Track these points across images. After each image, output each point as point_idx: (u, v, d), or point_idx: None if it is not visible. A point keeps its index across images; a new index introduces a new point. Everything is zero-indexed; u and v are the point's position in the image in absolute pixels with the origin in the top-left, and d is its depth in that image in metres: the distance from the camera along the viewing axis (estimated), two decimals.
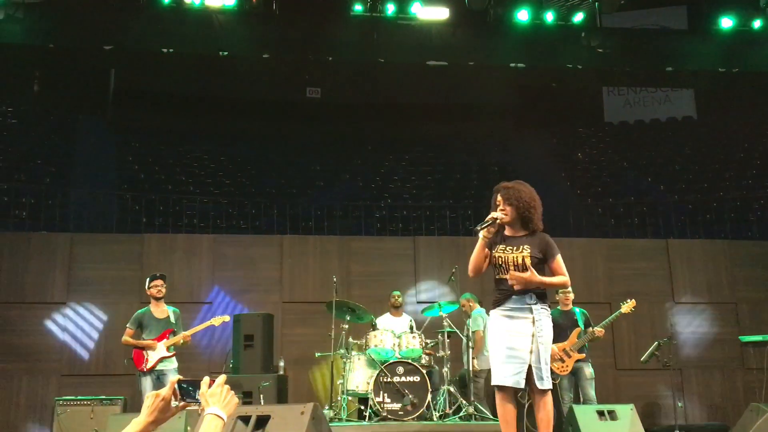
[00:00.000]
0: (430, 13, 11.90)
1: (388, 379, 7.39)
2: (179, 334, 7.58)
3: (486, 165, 17.97)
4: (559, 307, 8.00)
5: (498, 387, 4.73)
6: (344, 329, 8.12)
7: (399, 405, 7.33)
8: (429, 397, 7.37)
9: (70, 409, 8.11)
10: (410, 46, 12.38)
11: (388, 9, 11.82)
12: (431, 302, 8.90)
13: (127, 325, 7.67)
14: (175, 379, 2.41)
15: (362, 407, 7.74)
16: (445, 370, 7.81)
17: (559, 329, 7.86)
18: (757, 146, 16.81)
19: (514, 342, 4.68)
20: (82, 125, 17.57)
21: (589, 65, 12.92)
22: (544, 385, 4.65)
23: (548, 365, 4.71)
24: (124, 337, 7.62)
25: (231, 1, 11.39)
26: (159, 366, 7.48)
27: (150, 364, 7.44)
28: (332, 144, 18.62)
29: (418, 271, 10.59)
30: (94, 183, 14.38)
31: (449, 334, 8.07)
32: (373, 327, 8.19)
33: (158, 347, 7.49)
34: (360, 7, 11.79)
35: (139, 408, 2.42)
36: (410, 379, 7.44)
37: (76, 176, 14.77)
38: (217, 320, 7.77)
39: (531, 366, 4.63)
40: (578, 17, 12.14)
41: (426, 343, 8.00)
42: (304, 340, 9.86)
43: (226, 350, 8.89)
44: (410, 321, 8.68)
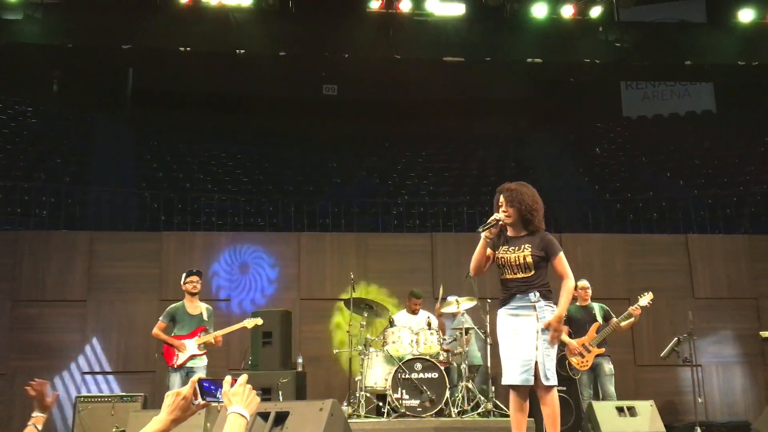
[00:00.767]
0: (446, 8, 11.87)
1: (406, 376, 7.40)
2: (211, 333, 7.61)
3: (503, 161, 17.93)
4: (577, 302, 7.96)
5: (510, 387, 4.79)
6: (362, 326, 8.13)
7: (417, 401, 7.34)
8: (447, 393, 7.37)
9: (91, 405, 8.17)
10: (426, 42, 12.35)
11: (404, 5, 11.79)
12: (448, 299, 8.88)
13: (160, 318, 7.65)
14: (196, 377, 2.42)
15: (380, 404, 7.75)
16: (463, 366, 7.80)
17: (577, 324, 7.85)
18: None
19: (520, 340, 4.76)
20: (101, 124, 17.71)
21: (606, 60, 12.83)
22: (549, 381, 4.71)
23: (553, 361, 4.80)
24: (155, 330, 7.59)
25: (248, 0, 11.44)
26: (189, 363, 7.48)
27: (180, 361, 7.45)
28: (349, 141, 18.64)
29: (435, 267, 10.58)
30: (113, 181, 14.48)
31: (467, 331, 8.06)
32: (391, 323, 8.19)
33: (189, 344, 7.52)
34: (376, 4, 11.77)
35: (160, 404, 2.44)
36: (428, 375, 7.44)
37: (95, 175, 14.88)
38: (250, 322, 7.72)
39: (537, 363, 4.68)
40: (595, 11, 12.06)
41: (444, 340, 8.00)
42: (322, 336, 9.88)
43: (244, 347, 8.92)
44: (428, 317, 8.67)
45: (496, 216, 4.94)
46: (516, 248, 4.89)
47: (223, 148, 17.64)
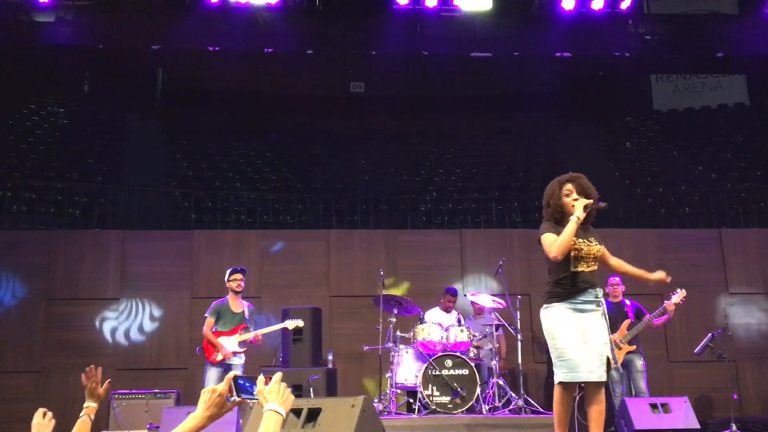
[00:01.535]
0: (473, 4, 11.80)
1: (437, 373, 7.39)
2: (251, 332, 7.67)
3: (533, 156, 17.81)
4: (609, 298, 7.90)
5: (566, 384, 4.59)
6: (391, 323, 8.14)
7: (448, 398, 7.33)
8: (478, 390, 7.35)
9: (126, 402, 8.28)
10: (454, 38, 12.29)
11: (431, 1, 11.75)
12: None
13: (206, 315, 7.75)
14: (231, 375, 2.45)
15: (411, 400, 7.76)
16: (494, 362, 7.78)
17: (609, 321, 7.78)
18: None
19: (590, 336, 4.59)
20: (132, 124, 17.90)
21: (637, 53, 12.69)
22: (606, 377, 4.63)
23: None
24: (205, 328, 7.68)
25: None
26: (227, 360, 7.59)
27: (219, 357, 7.55)
28: (377, 138, 18.64)
29: (465, 264, 10.55)
30: (144, 181, 14.65)
31: (497, 327, 8.04)
32: (420, 320, 8.20)
33: (230, 342, 7.59)
34: (403, 0, 11.74)
35: (193, 401, 2.47)
36: (459, 372, 7.43)
37: (126, 174, 15.05)
38: (291, 324, 7.75)
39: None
40: (625, 4, 11.91)
41: (474, 336, 7.98)
42: (352, 333, 9.91)
43: (275, 344, 8.97)
44: (458, 314, 8.67)
45: (589, 200, 4.72)
46: (589, 240, 4.74)
47: (252, 146, 17.75)
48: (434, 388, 7.37)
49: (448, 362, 7.47)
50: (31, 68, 15.63)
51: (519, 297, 8.75)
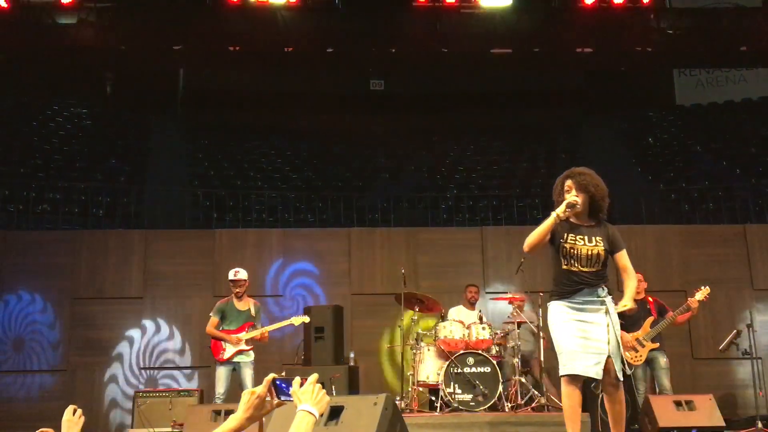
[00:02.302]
0: (493, 0, 11.75)
1: (459, 370, 7.38)
2: (258, 329, 7.71)
3: (555, 152, 17.71)
4: None
5: (571, 377, 4.61)
6: (413, 320, 8.14)
7: (470, 396, 7.31)
8: (500, 387, 7.33)
9: (150, 400, 8.35)
10: (474, 35, 12.22)
11: None
12: (500, 293, 8.85)
13: (211, 314, 7.85)
14: (271, 377, 2.47)
15: (433, 398, 7.75)
16: (516, 360, 7.75)
17: (631, 319, 7.71)
18: None
19: (590, 333, 4.59)
20: (154, 124, 18.05)
21: (659, 48, 12.55)
22: (621, 377, 4.61)
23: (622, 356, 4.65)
24: (209, 327, 7.78)
25: None
26: (235, 358, 7.65)
27: (227, 355, 7.61)
28: (397, 135, 18.63)
29: (486, 261, 10.52)
30: (166, 180, 14.75)
31: (519, 325, 8.01)
32: (442, 318, 8.18)
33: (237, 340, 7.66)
34: None
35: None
36: (481, 369, 7.41)
37: (149, 174, 15.17)
38: (297, 320, 7.84)
39: (610, 357, 4.56)
40: None
41: (496, 334, 7.96)
42: (374, 331, 9.91)
43: (296, 342, 9.01)
44: (479, 311, 8.64)
45: (575, 199, 4.65)
46: (587, 239, 4.67)
47: (273, 145, 17.81)
48: (456, 385, 7.36)
49: (470, 360, 7.45)
50: (54, 70, 15.80)
51: (541, 294, 8.70)
